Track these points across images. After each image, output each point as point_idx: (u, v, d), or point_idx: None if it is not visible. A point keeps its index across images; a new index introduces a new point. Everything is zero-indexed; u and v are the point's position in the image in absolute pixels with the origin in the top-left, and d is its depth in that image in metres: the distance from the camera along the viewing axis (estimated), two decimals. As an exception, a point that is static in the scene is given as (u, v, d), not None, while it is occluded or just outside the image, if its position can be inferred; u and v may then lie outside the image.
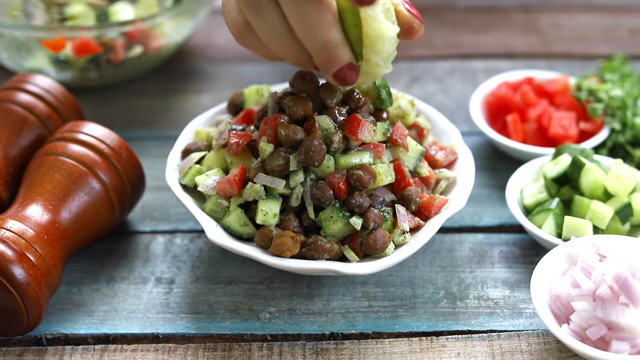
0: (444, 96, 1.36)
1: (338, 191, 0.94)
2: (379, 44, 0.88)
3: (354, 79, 0.90)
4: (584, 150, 1.10)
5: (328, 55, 0.88)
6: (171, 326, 0.98)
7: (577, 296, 0.90)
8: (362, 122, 0.95)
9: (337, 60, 0.88)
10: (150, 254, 1.07)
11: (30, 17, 1.36)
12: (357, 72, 0.90)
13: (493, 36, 1.52)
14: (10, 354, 0.95)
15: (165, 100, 1.36)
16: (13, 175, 1.06)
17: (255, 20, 0.88)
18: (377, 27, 0.87)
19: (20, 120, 1.08)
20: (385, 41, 0.88)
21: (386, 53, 0.89)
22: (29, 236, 0.94)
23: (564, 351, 0.94)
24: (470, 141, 1.24)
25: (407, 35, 0.91)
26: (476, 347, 0.94)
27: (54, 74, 1.33)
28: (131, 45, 1.33)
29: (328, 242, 0.93)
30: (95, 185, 1.01)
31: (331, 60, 0.88)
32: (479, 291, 1.02)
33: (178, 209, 1.14)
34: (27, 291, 0.90)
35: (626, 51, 1.45)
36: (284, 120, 0.96)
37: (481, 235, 1.10)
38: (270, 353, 0.94)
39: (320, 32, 0.86)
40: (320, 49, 0.87)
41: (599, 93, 1.21)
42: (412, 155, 1.01)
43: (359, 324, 0.98)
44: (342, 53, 0.88)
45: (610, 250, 0.94)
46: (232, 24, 0.92)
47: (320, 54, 0.88)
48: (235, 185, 0.96)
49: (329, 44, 0.87)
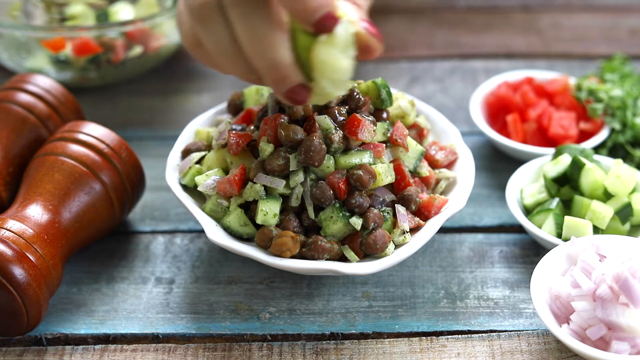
0: (444, 96, 1.36)
1: (338, 191, 0.94)
2: (327, 71, 0.84)
3: (304, 99, 0.86)
4: (584, 150, 1.10)
5: (277, 74, 0.84)
6: (171, 326, 0.98)
7: (577, 296, 0.90)
8: (362, 122, 0.95)
9: (286, 81, 0.84)
10: (150, 254, 1.07)
11: (30, 17, 1.36)
12: (308, 92, 0.86)
13: (493, 36, 1.52)
14: (10, 354, 0.95)
15: (165, 100, 1.36)
16: (13, 175, 1.06)
17: (204, 36, 0.85)
18: (326, 56, 0.83)
19: (20, 120, 1.08)
20: (333, 69, 0.84)
21: (336, 77, 0.85)
22: (29, 236, 0.94)
23: (564, 351, 0.94)
24: (470, 141, 1.24)
25: (365, 55, 0.87)
26: (476, 347, 0.94)
27: (54, 74, 1.33)
28: (131, 45, 1.33)
29: (328, 242, 0.93)
30: (95, 185, 1.01)
31: (281, 81, 0.84)
32: (479, 291, 1.02)
33: (178, 209, 1.14)
34: (27, 291, 0.90)
35: (626, 51, 1.45)
36: (284, 120, 0.96)
37: (481, 235, 1.10)
38: (270, 353, 0.94)
39: (269, 50, 0.82)
40: (268, 68, 0.83)
41: (599, 93, 1.21)
42: (412, 155, 1.01)
43: (359, 324, 0.98)
44: (291, 74, 0.84)
45: (610, 250, 0.94)
46: (184, 38, 0.89)
47: (269, 73, 0.84)
48: (235, 185, 0.96)
49: (278, 64, 0.83)
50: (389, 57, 1.46)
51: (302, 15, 0.81)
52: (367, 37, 0.86)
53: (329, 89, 0.85)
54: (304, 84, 0.86)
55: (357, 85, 1.01)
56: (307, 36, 0.83)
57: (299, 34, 0.84)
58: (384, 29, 1.54)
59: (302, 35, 0.84)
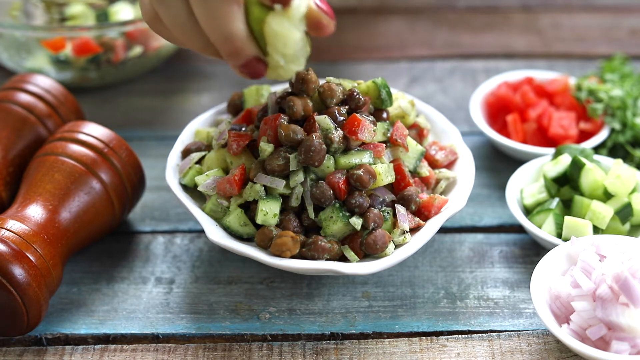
0: (444, 96, 1.36)
1: (338, 191, 0.94)
2: (279, 43, 0.85)
3: (261, 73, 0.87)
4: (584, 150, 1.10)
5: (232, 47, 0.85)
6: (171, 326, 0.98)
7: (577, 296, 0.90)
8: (362, 122, 0.95)
9: (241, 54, 0.85)
10: (150, 254, 1.07)
11: (30, 17, 1.36)
12: (264, 66, 0.87)
13: (493, 36, 1.52)
14: (10, 354, 0.95)
15: (165, 100, 1.36)
16: (13, 175, 1.06)
17: (161, 10, 0.86)
18: (278, 27, 0.84)
19: (20, 120, 1.08)
20: (286, 41, 0.85)
21: (288, 52, 0.86)
22: (29, 236, 0.94)
23: (564, 351, 0.94)
24: (470, 141, 1.24)
25: (316, 31, 0.88)
26: (476, 347, 0.94)
27: (54, 74, 1.33)
28: (131, 45, 1.33)
29: (328, 242, 0.93)
30: (95, 185, 1.01)
31: (235, 54, 0.85)
32: (479, 291, 1.02)
33: (178, 209, 1.14)
34: (27, 291, 0.90)
35: (626, 51, 1.45)
36: (284, 120, 0.96)
37: (481, 235, 1.10)
38: (270, 353, 0.94)
39: (224, 23, 0.83)
40: (223, 41, 0.84)
41: (599, 93, 1.21)
42: (412, 155, 1.01)
43: (359, 324, 0.98)
44: (246, 46, 0.85)
45: (610, 250, 0.94)
46: (144, 12, 0.90)
47: (224, 46, 0.85)
48: (235, 185, 0.96)
49: (233, 37, 0.84)
50: (389, 57, 1.46)
51: None
52: (319, 14, 0.86)
53: (282, 63, 0.86)
54: (259, 57, 0.86)
55: (357, 85, 1.01)
56: (261, 8, 0.84)
57: (253, 6, 0.84)
58: (384, 29, 1.54)
59: (256, 7, 0.84)
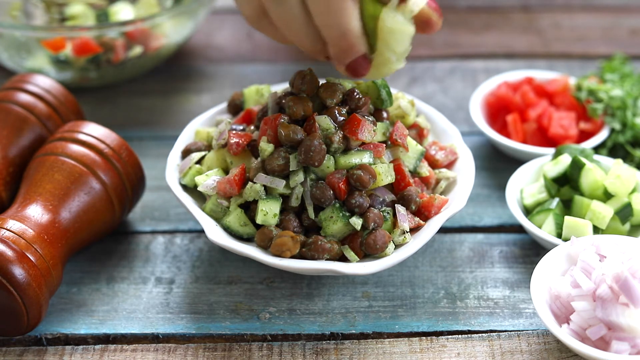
0: (444, 96, 1.36)
1: (338, 191, 0.94)
2: (392, 40, 0.87)
3: (365, 71, 0.88)
4: (584, 150, 1.10)
5: (346, 44, 0.85)
6: (171, 326, 0.98)
7: (577, 296, 0.90)
8: (362, 122, 0.95)
9: (353, 50, 0.86)
10: (150, 254, 1.07)
11: (30, 17, 1.36)
12: (369, 65, 0.88)
13: (493, 36, 1.52)
14: (10, 354, 0.95)
15: (165, 100, 1.36)
16: (13, 175, 1.06)
17: (272, 4, 0.86)
18: (393, 23, 0.86)
19: (20, 120, 1.08)
20: (399, 37, 0.87)
21: (400, 49, 0.88)
22: (29, 236, 0.94)
23: (564, 351, 0.94)
24: (470, 141, 1.24)
25: (425, 29, 0.89)
26: (476, 347, 0.94)
27: (54, 74, 1.33)
28: (131, 45, 1.33)
29: (328, 242, 0.93)
30: (95, 185, 1.01)
31: (348, 50, 0.86)
32: (479, 291, 1.02)
33: (178, 209, 1.14)
34: (27, 291, 0.90)
35: (626, 51, 1.45)
36: (284, 120, 0.96)
37: (481, 235, 1.10)
38: (270, 353, 0.94)
39: (342, 20, 0.84)
40: (339, 37, 0.85)
41: (599, 93, 1.21)
42: (412, 155, 1.01)
43: (359, 324, 0.98)
44: (359, 42, 0.86)
45: (610, 250, 0.94)
46: (246, 7, 0.89)
47: (339, 43, 0.85)
48: (235, 185, 0.96)
49: (349, 33, 0.85)
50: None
51: None
52: (429, 12, 0.88)
53: (391, 59, 0.88)
54: (366, 55, 0.88)
55: (357, 85, 1.01)
56: (375, 4, 0.86)
57: (366, 3, 0.86)
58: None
59: (370, 3, 0.86)
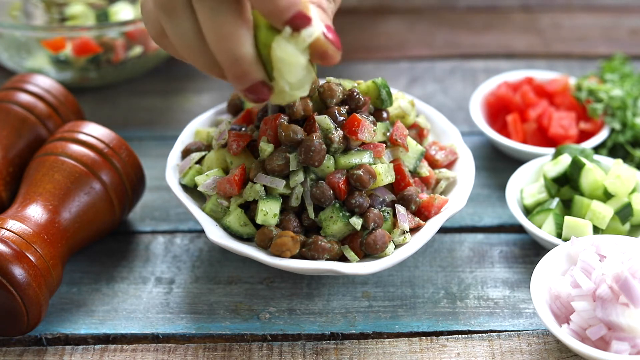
0: (444, 96, 1.36)
1: (338, 191, 0.94)
2: (284, 69, 0.84)
3: (265, 97, 0.86)
4: (584, 150, 1.10)
5: (239, 70, 0.84)
6: (171, 326, 0.98)
7: (577, 296, 0.90)
8: (362, 122, 0.95)
9: (247, 77, 0.84)
10: (150, 254, 1.07)
11: (30, 17, 1.36)
12: (269, 90, 0.86)
13: (493, 36, 1.52)
14: (10, 354, 0.95)
15: (165, 100, 1.36)
16: (13, 175, 1.06)
17: (169, 27, 0.85)
18: (283, 53, 0.83)
19: (20, 120, 1.08)
20: (290, 68, 0.84)
21: (292, 79, 0.85)
22: (28, 236, 0.94)
23: (564, 351, 0.94)
24: (470, 141, 1.24)
25: (321, 61, 0.86)
26: (476, 347, 0.94)
27: (54, 74, 1.33)
28: (131, 45, 1.33)
29: (328, 242, 0.93)
30: (95, 185, 1.01)
31: (242, 77, 0.84)
32: (479, 291, 1.02)
33: (178, 209, 1.14)
34: (27, 291, 0.91)
35: (626, 51, 1.45)
36: (284, 120, 0.96)
37: (481, 235, 1.10)
38: (270, 353, 0.94)
39: (233, 46, 0.82)
40: (231, 63, 0.83)
41: (599, 93, 1.21)
42: (412, 155, 1.01)
43: (359, 324, 0.98)
44: (253, 70, 0.84)
45: (610, 250, 0.94)
46: (150, 27, 0.89)
47: (231, 69, 0.84)
48: (235, 185, 0.96)
49: (241, 60, 0.83)
50: (389, 57, 1.46)
51: (273, 13, 0.81)
52: (325, 43, 0.85)
53: (284, 89, 0.86)
54: (265, 81, 0.85)
55: (357, 85, 1.01)
56: (268, 32, 0.83)
57: (261, 31, 0.84)
58: (384, 29, 1.54)
59: (264, 31, 0.84)
